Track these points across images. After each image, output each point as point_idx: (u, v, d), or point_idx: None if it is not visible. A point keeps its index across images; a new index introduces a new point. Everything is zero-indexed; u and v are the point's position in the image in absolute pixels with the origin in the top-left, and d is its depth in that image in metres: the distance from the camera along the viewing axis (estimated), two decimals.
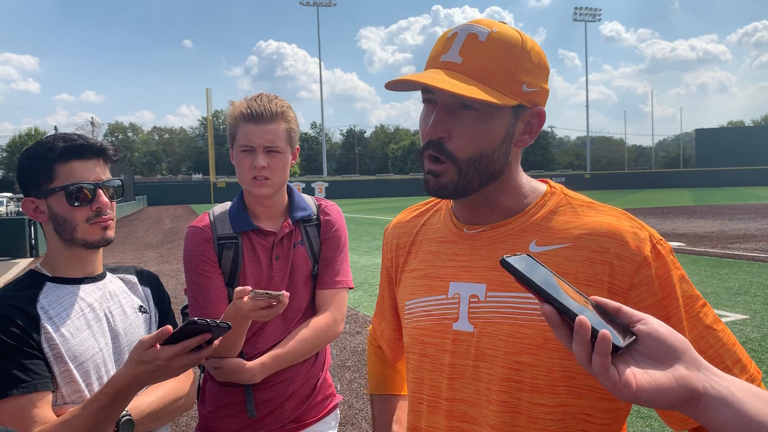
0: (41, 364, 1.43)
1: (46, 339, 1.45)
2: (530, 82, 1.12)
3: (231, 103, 2.02)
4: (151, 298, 1.75)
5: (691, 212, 26.29)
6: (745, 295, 8.54)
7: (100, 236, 1.57)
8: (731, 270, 10.67)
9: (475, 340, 1.15)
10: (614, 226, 1.12)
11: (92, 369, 1.51)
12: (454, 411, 1.18)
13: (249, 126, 1.94)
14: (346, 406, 5.02)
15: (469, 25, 1.13)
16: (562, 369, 1.09)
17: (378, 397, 1.58)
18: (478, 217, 1.23)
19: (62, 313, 1.51)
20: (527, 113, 1.15)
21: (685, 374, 0.78)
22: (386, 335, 1.55)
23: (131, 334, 1.63)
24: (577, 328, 0.78)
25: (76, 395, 1.48)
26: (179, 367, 1.34)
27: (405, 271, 1.36)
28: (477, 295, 1.17)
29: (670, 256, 1.11)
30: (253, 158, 1.95)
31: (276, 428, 2.06)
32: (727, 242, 14.85)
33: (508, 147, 1.16)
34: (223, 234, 2.02)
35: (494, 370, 1.13)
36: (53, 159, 1.53)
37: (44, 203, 1.55)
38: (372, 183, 68.00)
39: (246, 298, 1.67)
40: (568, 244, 1.13)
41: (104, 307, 1.60)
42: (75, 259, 1.59)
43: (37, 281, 1.55)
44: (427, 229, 1.34)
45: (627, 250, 1.09)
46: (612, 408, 1.12)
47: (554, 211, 1.18)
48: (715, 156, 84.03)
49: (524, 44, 1.12)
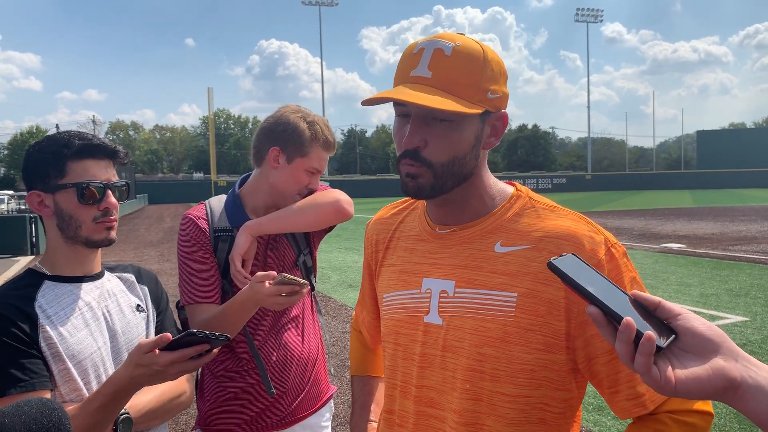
0: (39, 363, 1.43)
1: (44, 338, 1.45)
2: (494, 89, 1.21)
3: (312, 117, 2.10)
4: (149, 297, 1.75)
5: (692, 214, 26.28)
6: (746, 297, 8.54)
7: (104, 236, 1.59)
8: (732, 272, 10.67)
9: (443, 333, 1.25)
10: (572, 229, 1.21)
11: (90, 368, 1.51)
12: (422, 397, 1.28)
13: (325, 153, 2.10)
14: (346, 405, 5.03)
15: (434, 41, 1.20)
16: (522, 362, 1.18)
17: (358, 378, 1.69)
18: (448, 217, 1.32)
19: (60, 312, 1.51)
20: (492, 117, 1.25)
21: (722, 365, 0.81)
22: (367, 322, 1.66)
23: (129, 333, 1.63)
24: (622, 328, 0.81)
25: (74, 394, 1.48)
26: (176, 373, 1.36)
27: (384, 265, 1.45)
28: (446, 291, 1.26)
29: (623, 259, 1.20)
30: (313, 180, 2.10)
31: (274, 422, 2.10)
32: (727, 244, 14.85)
33: (477, 150, 1.25)
34: (219, 226, 2.06)
35: (459, 360, 1.22)
36: (67, 155, 1.54)
37: (51, 198, 1.55)
38: (373, 183, 68.04)
39: (267, 283, 1.71)
40: (530, 246, 1.21)
41: (102, 306, 1.60)
42: (75, 257, 1.59)
43: (35, 280, 1.54)
44: (404, 227, 1.44)
45: (583, 252, 1.16)
46: (567, 397, 1.22)
47: (519, 214, 1.27)
48: (716, 158, 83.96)
49: (485, 55, 1.21)
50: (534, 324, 1.17)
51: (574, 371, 1.20)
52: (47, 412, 0.93)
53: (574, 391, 1.23)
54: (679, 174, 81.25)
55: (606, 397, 1.20)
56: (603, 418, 4.59)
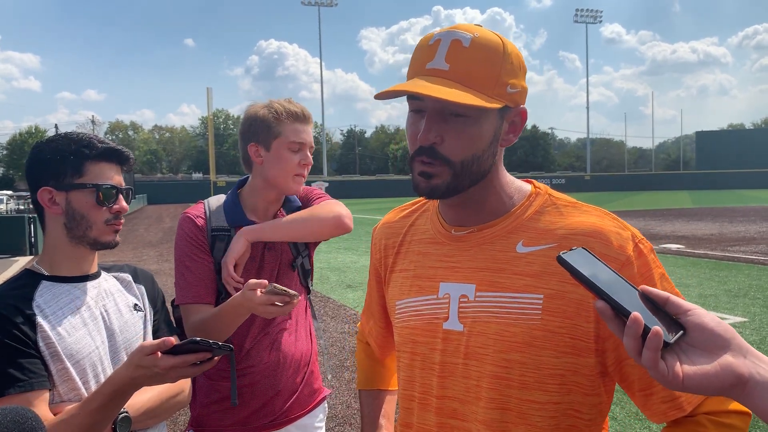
0: (38, 362, 1.43)
1: (42, 337, 1.45)
2: (513, 83, 1.15)
3: (270, 102, 2.10)
4: (145, 296, 1.75)
5: (690, 214, 26.30)
6: (744, 298, 8.55)
7: (112, 238, 1.61)
8: (730, 272, 10.67)
9: (464, 339, 1.19)
10: (598, 225, 1.15)
11: (89, 367, 1.51)
12: (444, 408, 1.21)
13: (299, 125, 2.07)
14: (344, 406, 5.03)
15: (452, 31, 1.14)
16: (550, 366, 1.12)
17: (366, 392, 1.61)
18: (465, 218, 1.26)
19: (58, 312, 1.51)
20: (511, 113, 1.19)
21: (731, 361, 0.81)
22: (374, 332, 1.58)
23: (127, 332, 1.64)
24: (630, 323, 0.81)
25: (72, 393, 1.48)
26: (176, 377, 1.38)
27: (394, 271, 1.38)
28: (467, 295, 1.20)
29: (651, 255, 1.15)
30: (302, 156, 2.06)
31: (266, 422, 2.09)
32: (726, 245, 14.86)
33: (495, 147, 1.20)
34: (217, 226, 2.07)
35: (484, 367, 1.16)
36: (88, 156, 1.55)
37: (63, 196, 1.56)
38: (372, 183, 68.03)
39: (259, 292, 1.70)
40: (554, 244, 1.16)
41: (100, 306, 1.60)
42: (75, 257, 1.59)
43: (33, 280, 1.54)
44: (415, 230, 1.37)
45: (611, 249, 1.12)
46: (597, 402, 1.17)
47: (540, 212, 1.21)
48: (715, 158, 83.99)
49: (505, 47, 1.15)
50: (562, 326, 1.11)
51: (603, 375, 1.15)
52: (20, 422, 0.93)
53: (603, 395, 1.18)
54: (678, 174, 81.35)
55: (638, 400, 1.14)
56: None
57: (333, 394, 5.28)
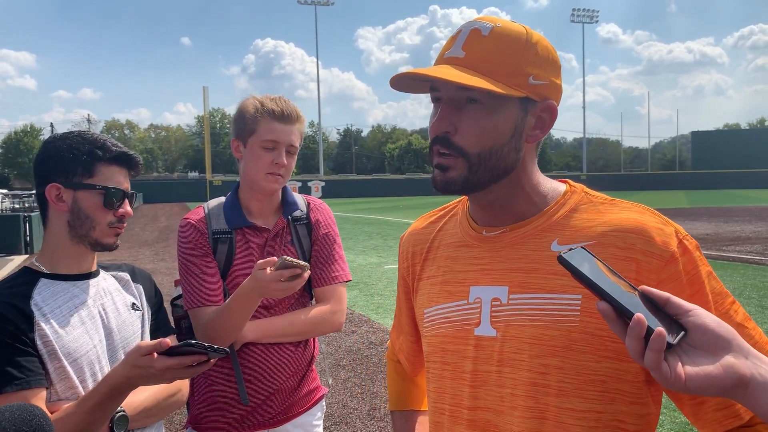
0: (35, 360, 1.43)
1: (39, 336, 1.45)
2: (537, 74, 1.10)
3: (252, 97, 2.07)
4: (143, 296, 1.76)
5: (686, 214, 26.36)
6: (740, 298, 8.57)
7: (113, 241, 1.62)
8: (726, 272, 10.70)
9: (498, 345, 1.11)
10: (639, 221, 1.09)
11: (86, 366, 1.51)
12: (477, 420, 1.14)
13: (276, 124, 2.01)
14: (340, 405, 5.03)
15: (474, 22, 1.12)
16: (590, 372, 1.05)
17: (399, 413, 1.52)
18: (496, 218, 1.19)
19: (56, 310, 1.51)
20: (537, 107, 1.13)
21: (732, 362, 0.80)
22: (405, 348, 1.49)
23: (124, 331, 1.64)
24: (633, 325, 0.79)
25: (70, 392, 1.48)
26: (171, 378, 1.40)
27: (422, 278, 1.32)
28: (499, 298, 1.13)
29: (697, 252, 1.08)
30: (276, 155, 2.01)
31: (264, 420, 2.09)
32: (722, 244, 14.90)
33: (518, 142, 1.13)
34: (218, 228, 2.06)
35: (519, 374, 1.09)
36: (101, 158, 1.56)
37: (70, 194, 1.56)
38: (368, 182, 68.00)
39: (269, 269, 1.70)
40: (593, 242, 1.09)
41: (98, 304, 1.60)
42: (76, 255, 1.59)
43: (32, 278, 1.54)
44: (443, 235, 1.31)
45: (653, 246, 1.05)
46: (644, 413, 1.08)
47: (575, 210, 1.15)
48: (710, 158, 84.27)
49: (529, 37, 1.10)
50: (602, 329, 1.03)
51: (649, 382, 1.07)
52: (28, 418, 0.93)
53: (650, 405, 1.08)
54: (674, 174, 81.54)
55: (688, 410, 1.05)
56: None
57: (329, 394, 5.28)
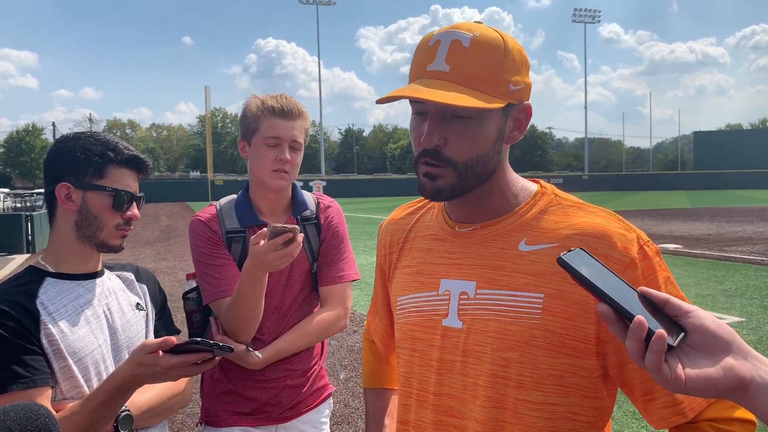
0: (41, 359, 1.43)
1: (45, 335, 1.46)
2: (516, 80, 1.14)
3: (254, 97, 2.09)
4: (147, 296, 1.76)
5: (688, 214, 26.33)
6: (741, 298, 8.57)
7: (119, 243, 1.63)
8: (728, 272, 10.70)
9: (463, 337, 1.18)
10: (603, 226, 1.14)
11: (91, 365, 1.52)
12: (441, 405, 1.21)
13: (277, 120, 2.02)
14: (342, 404, 5.03)
15: (451, 31, 1.13)
16: (548, 366, 1.11)
17: (371, 390, 1.61)
18: (469, 215, 1.25)
19: (62, 309, 1.51)
20: (515, 110, 1.18)
21: (732, 364, 0.80)
22: (379, 330, 1.58)
23: (129, 331, 1.64)
24: (633, 327, 0.80)
25: (75, 391, 1.49)
26: (176, 376, 1.40)
27: (398, 267, 1.38)
28: (467, 292, 1.19)
29: (656, 258, 1.13)
30: (279, 152, 2.02)
31: (274, 416, 2.12)
32: (723, 245, 14.88)
33: (500, 145, 1.19)
34: (231, 228, 2.07)
35: (482, 365, 1.15)
36: (113, 160, 1.57)
37: (80, 194, 1.56)
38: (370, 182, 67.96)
39: (263, 242, 1.72)
40: (557, 244, 1.14)
41: (103, 304, 1.61)
42: (82, 255, 1.60)
43: (37, 277, 1.55)
44: (420, 227, 1.37)
45: (615, 251, 1.11)
46: (597, 406, 1.15)
47: (544, 211, 1.20)
48: (712, 159, 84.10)
49: (506, 44, 1.14)
50: (562, 327, 1.10)
51: (605, 378, 1.14)
52: (33, 418, 0.94)
53: (605, 399, 1.16)
54: (676, 174, 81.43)
55: (639, 405, 1.12)
56: None
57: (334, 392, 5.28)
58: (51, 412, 0.97)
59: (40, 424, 0.93)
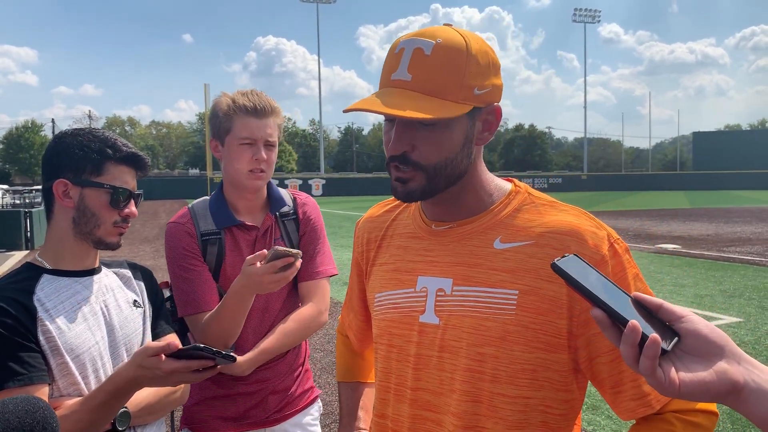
0: (38, 356, 1.43)
1: (42, 331, 1.45)
2: (480, 84, 1.15)
3: (223, 95, 2.04)
4: (145, 293, 1.75)
5: (687, 215, 26.34)
6: (740, 298, 8.57)
7: (116, 240, 1.62)
8: (726, 273, 10.70)
9: (440, 332, 1.21)
10: (575, 224, 1.17)
11: (88, 362, 1.51)
12: (418, 400, 1.24)
13: (250, 120, 1.97)
14: (336, 402, 5.02)
15: (414, 39, 1.14)
16: (523, 361, 1.14)
17: (345, 384, 1.64)
18: (445, 214, 1.28)
19: (59, 306, 1.51)
20: (483, 112, 1.20)
21: (725, 368, 0.81)
22: (354, 326, 1.61)
23: (126, 328, 1.64)
24: (628, 332, 0.81)
25: (72, 388, 1.48)
26: (177, 381, 1.40)
27: (375, 264, 1.40)
28: (444, 289, 1.22)
29: (625, 255, 1.17)
30: (254, 151, 1.98)
31: (260, 420, 2.09)
32: (722, 245, 14.89)
33: (469, 148, 1.21)
34: (206, 230, 2.03)
35: (458, 360, 1.18)
36: (111, 157, 1.56)
37: (77, 191, 1.56)
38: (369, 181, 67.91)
39: (260, 264, 1.68)
40: (531, 242, 1.18)
41: (100, 301, 1.60)
42: (79, 252, 1.60)
43: (34, 273, 1.54)
44: (397, 224, 1.39)
45: (586, 248, 1.14)
46: (569, 399, 1.19)
47: (518, 209, 1.23)
48: (712, 159, 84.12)
49: (469, 49, 1.14)
50: (535, 322, 1.13)
51: (576, 371, 1.18)
52: (32, 411, 0.93)
53: (575, 392, 1.20)
54: (675, 175, 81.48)
55: (608, 397, 1.16)
56: (597, 417, 4.61)
57: (330, 391, 5.28)
58: (50, 407, 0.97)
59: (39, 416, 0.93)
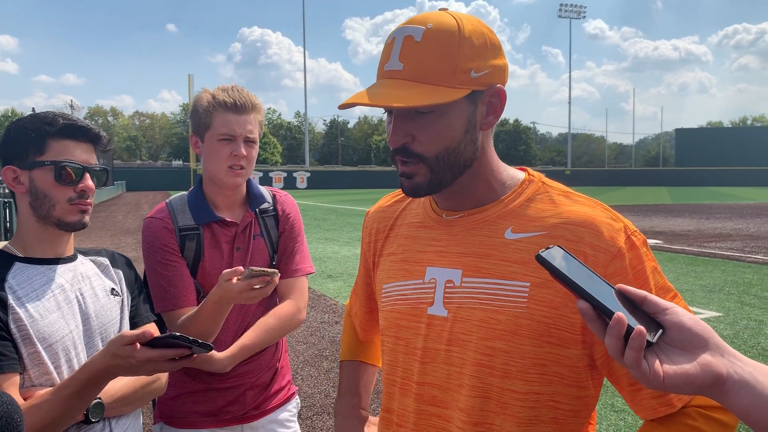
0: (8, 345, 1.39)
1: (13, 320, 1.41)
2: (477, 66, 1.10)
3: (204, 91, 2.01)
4: (123, 281, 1.72)
5: (669, 210, 26.62)
6: (720, 293, 8.68)
7: (78, 219, 1.55)
8: (706, 268, 10.83)
9: (448, 325, 1.17)
10: (589, 216, 1.13)
11: (61, 351, 1.48)
12: (423, 394, 1.20)
13: (230, 116, 1.95)
14: (322, 395, 5.02)
15: (405, 27, 1.11)
16: (533, 356, 1.10)
17: (348, 362, 1.59)
18: (456, 204, 1.23)
19: (31, 294, 1.47)
20: (485, 95, 1.14)
21: (709, 360, 0.81)
22: (359, 315, 1.59)
23: (102, 317, 1.60)
24: (613, 324, 0.80)
25: (44, 377, 1.45)
26: (152, 370, 1.36)
27: (383, 255, 1.36)
28: (453, 281, 1.18)
29: (643, 248, 1.12)
30: (233, 147, 1.96)
31: (238, 416, 2.08)
32: (703, 241, 15.06)
33: (473, 134, 1.15)
34: (184, 225, 2.01)
35: (467, 354, 1.14)
36: (49, 133, 1.51)
37: (26, 175, 1.52)
38: (354, 174, 67.91)
39: (235, 280, 1.66)
40: (544, 233, 1.13)
41: (75, 289, 1.57)
42: (46, 238, 1.55)
43: (5, 261, 1.50)
44: (406, 214, 1.35)
45: (601, 241, 1.09)
46: (580, 395, 1.14)
47: (531, 199, 1.19)
48: (694, 156, 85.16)
49: (462, 31, 1.09)
50: (547, 316, 1.09)
51: (591, 367, 1.13)
52: None
53: (589, 388, 1.14)
54: (658, 171, 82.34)
55: (626, 395, 1.11)
56: None
57: (312, 383, 5.27)
58: (14, 400, 0.94)
59: (2, 411, 0.90)
